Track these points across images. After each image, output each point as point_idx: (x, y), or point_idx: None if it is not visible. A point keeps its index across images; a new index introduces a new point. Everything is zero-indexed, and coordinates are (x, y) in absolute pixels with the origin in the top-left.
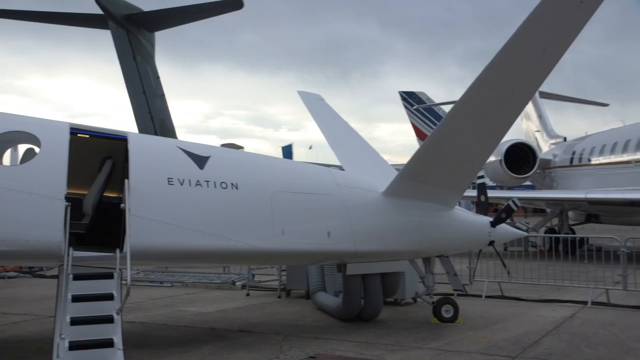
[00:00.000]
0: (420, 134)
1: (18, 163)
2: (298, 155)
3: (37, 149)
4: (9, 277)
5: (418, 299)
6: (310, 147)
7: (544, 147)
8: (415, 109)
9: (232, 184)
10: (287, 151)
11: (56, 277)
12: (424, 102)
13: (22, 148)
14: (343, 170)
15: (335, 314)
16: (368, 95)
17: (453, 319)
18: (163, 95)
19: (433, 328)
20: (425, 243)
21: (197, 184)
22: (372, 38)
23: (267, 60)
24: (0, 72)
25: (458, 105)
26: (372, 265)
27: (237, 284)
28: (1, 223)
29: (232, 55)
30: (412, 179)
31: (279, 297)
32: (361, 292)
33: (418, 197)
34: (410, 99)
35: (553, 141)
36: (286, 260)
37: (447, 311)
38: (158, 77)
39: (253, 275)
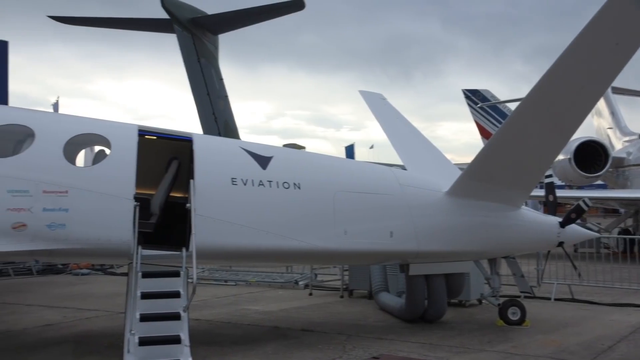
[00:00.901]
0: (484, 133)
1: (90, 164)
2: (359, 155)
3: (107, 151)
4: (82, 274)
5: (483, 301)
6: (372, 147)
7: (617, 144)
8: (479, 107)
9: (294, 184)
10: (350, 151)
11: (126, 274)
12: (488, 100)
13: (94, 150)
14: (405, 169)
15: (398, 315)
16: (430, 93)
17: (520, 321)
18: (226, 96)
19: (499, 330)
20: (490, 243)
21: (260, 184)
22: (434, 36)
23: (327, 60)
24: (73, 77)
25: (525, 102)
26: (435, 266)
27: (300, 283)
28: (75, 222)
29: (293, 56)
30: (476, 179)
31: (342, 296)
32: (424, 293)
33: (483, 197)
34: (474, 97)
35: (627, 138)
36: (348, 260)
37: (513, 313)
38: (221, 79)
39: (316, 275)
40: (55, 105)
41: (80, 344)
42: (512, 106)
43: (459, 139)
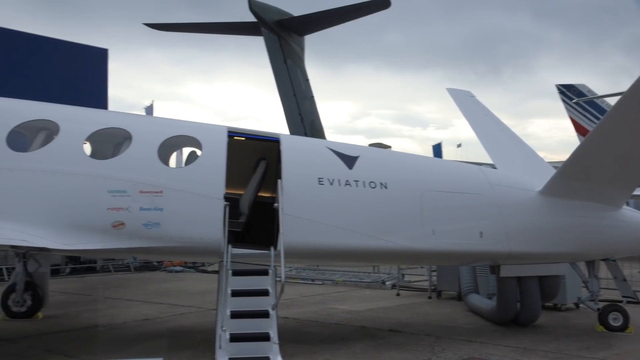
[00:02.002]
0: (580, 129)
1: (182, 165)
2: (447, 153)
3: (199, 152)
4: (176, 272)
5: (581, 305)
6: (460, 145)
7: None
8: (574, 103)
9: (381, 184)
10: (437, 150)
11: (216, 272)
12: (585, 95)
13: (186, 151)
14: (495, 168)
15: (488, 317)
16: (521, 90)
17: (622, 327)
18: (312, 97)
19: (599, 337)
20: (587, 245)
21: (346, 184)
22: (524, 30)
23: (413, 59)
24: (166, 81)
25: (626, 96)
26: (528, 268)
27: (387, 283)
28: (169, 221)
29: (378, 55)
30: (572, 178)
31: (430, 297)
32: (517, 295)
33: (579, 196)
34: (569, 92)
35: None
36: (436, 261)
37: (615, 319)
38: (307, 80)
39: (403, 275)
40: (150, 109)
41: (175, 338)
42: (612, 101)
43: (552, 136)
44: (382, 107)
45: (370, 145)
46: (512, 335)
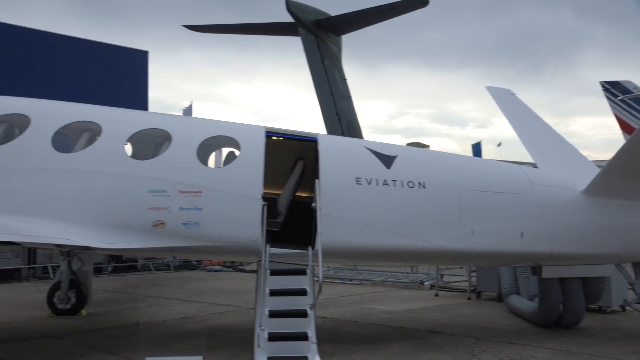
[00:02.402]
0: (626, 127)
1: (221, 165)
2: (487, 153)
3: (237, 152)
4: (215, 271)
5: (627, 308)
6: (499, 144)
7: None
8: (619, 100)
9: (419, 183)
10: (477, 149)
11: (254, 272)
12: (631, 92)
13: (224, 151)
14: (536, 167)
15: (530, 319)
16: (562, 87)
17: None
18: (349, 96)
19: None
20: (633, 246)
21: (384, 184)
22: (566, 26)
23: (451, 57)
24: (204, 82)
25: None
26: (571, 269)
27: (426, 283)
28: (208, 221)
29: (416, 54)
30: (617, 177)
31: (469, 298)
32: (559, 297)
33: (625, 195)
34: (614, 89)
35: None
36: (476, 261)
37: None
38: (344, 79)
39: (442, 276)
40: (189, 109)
41: (214, 337)
42: None
43: (596, 134)
44: (419, 106)
45: (408, 144)
46: (554, 337)
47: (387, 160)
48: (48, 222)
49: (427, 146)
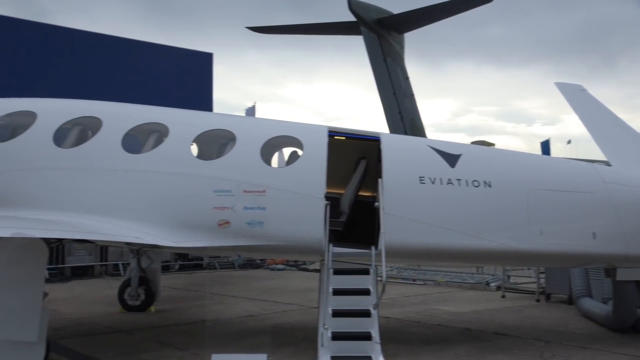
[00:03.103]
0: None
1: (284, 165)
2: (556, 151)
3: (300, 152)
4: (278, 270)
5: None
6: (569, 142)
7: None
8: None
9: (484, 182)
10: (545, 147)
11: (317, 271)
12: None
13: (287, 151)
14: (610, 165)
15: (603, 323)
16: (638, 82)
17: None
18: (412, 95)
19: None
20: None
21: (448, 183)
22: None
23: (517, 53)
24: (267, 82)
25: None
26: None
27: (492, 284)
28: (272, 220)
29: (480, 51)
30: None
31: (538, 300)
32: (636, 301)
33: None
34: None
35: None
36: (545, 262)
37: None
38: (407, 78)
39: (508, 277)
40: (252, 110)
41: (278, 335)
42: None
43: None
44: (484, 103)
45: (473, 143)
46: (630, 343)
47: (451, 159)
48: (119, 221)
49: (493, 144)
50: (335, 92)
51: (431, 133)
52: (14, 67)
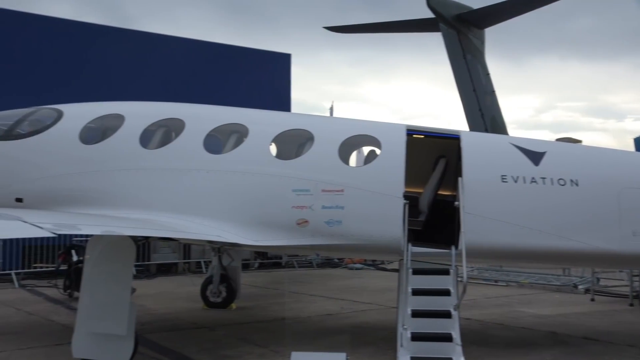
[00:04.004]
0: None
1: (362, 164)
2: None
3: (378, 151)
4: (356, 269)
5: None
6: None
7: None
8: None
9: (571, 181)
10: (638, 143)
11: (396, 270)
12: None
13: (365, 150)
14: None
15: None
16: None
17: None
18: (493, 91)
19: None
20: None
21: (532, 181)
22: None
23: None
24: (344, 82)
25: None
26: None
27: (580, 287)
28: (350, 219)
29: (565, 44)
30: None
31: (631, 305)
32: None
33: None
34: None
35: None
36: (638, 265)
37: None
38: (488, 74)
39: (598, 279)
40: (330, 110)
41: (357, 335)
42: None
43: None
44: (570, 99)
45: (558, 139)
46: None
47: (535, 156)
48: (201, 220)
49: (579, 141)
50: (413, 90)
51: (513, 130)
52: (104, 72)
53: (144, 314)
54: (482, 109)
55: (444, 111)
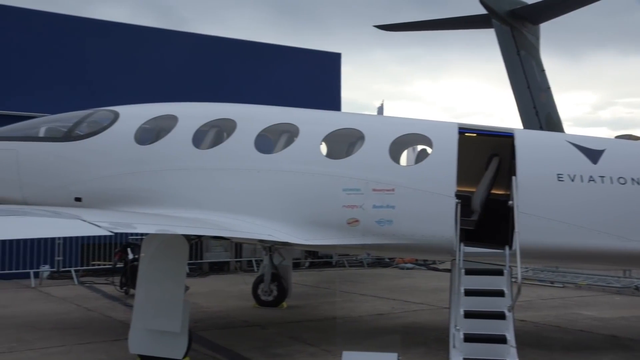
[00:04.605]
0: None
1: (413, 163)
2: None
3: (429, 150)
4: (407, 269)
5: None
6: None
7: None
8: None
9: (632, 179)
10: None
11: (447, 270)
12: None
13: (416, 149)
14: None
15: None
16: None
17: None
18: (548, 88)
19: None
20: None
21: (590, 180)
22: None
23: None
24: (394, 80)
25: None
26: None
27: None
28: (401, 219)
29: (625, 38)
30: None
31: None
32: None
33: None
34: None
35: None
36: None
37: None
38: (543, 70)
39: None
40: (381, 108)
41: (408, 335)
42: None
43: None
44: (630, 94)
45: (617, 137)
46: None
47: (593, 154)
48: (252, 219)
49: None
50: (465, 88)
51: (569, 128)
52: (159, 73)
53: (197, 312)
54: (537, 107)
55: (497, 109)
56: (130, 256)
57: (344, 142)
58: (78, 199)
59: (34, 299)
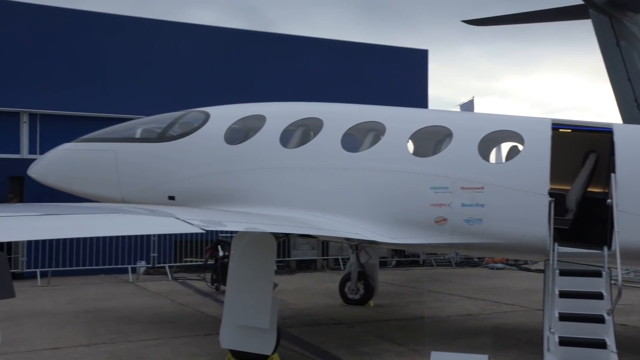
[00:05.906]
0: None
1: (503, 160)
2: None
3: (520, 147)
4: (497, 269)
5: None
6: None
7: None
8: None
9: None
10: None
11: (540, 271)
12: None
13: (507, 146)
14: None
15: None
16: None
17: None
18: None
19: None
20: None
21: None
22: None
23: None
24: (483, 76)
25: None
26: None
27: None
28: (491, 217)
29: None
30: None
31: None
32: None
33: None
34: None
35: None
36: None
37: None
38: None
39: None
40: (470, 104)
41: (499, 336)
42: None
43: None
44: None
45: None
46: None
47: None
48: (339, 217)
49: None
50: (558, 83)
51: None
52: (248, 75)
53: (285, 309)
54: (638, 100)
55: (593, 103)
56: (221, 253)
57: (432, 140)
58: (171, 198)
59: (132, 293)
